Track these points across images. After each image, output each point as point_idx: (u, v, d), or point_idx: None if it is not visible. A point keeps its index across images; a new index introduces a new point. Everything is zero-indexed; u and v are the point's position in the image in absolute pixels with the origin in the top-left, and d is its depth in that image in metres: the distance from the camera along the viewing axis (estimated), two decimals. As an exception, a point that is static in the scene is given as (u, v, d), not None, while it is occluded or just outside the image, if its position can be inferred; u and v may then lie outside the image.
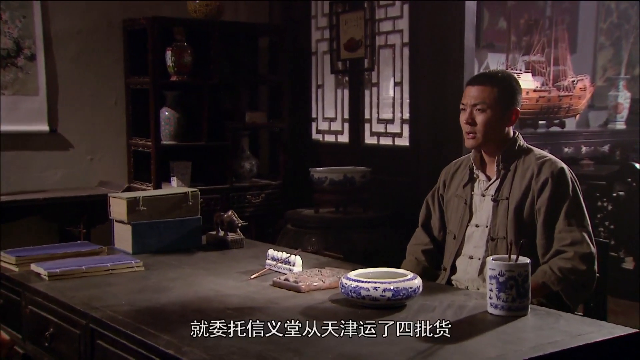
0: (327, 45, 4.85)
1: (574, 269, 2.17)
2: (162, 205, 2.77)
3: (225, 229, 2.85)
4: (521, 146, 2.40)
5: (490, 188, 2.38)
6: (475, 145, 2.37)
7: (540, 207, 2.26)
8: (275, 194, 4.71)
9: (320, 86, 4.98)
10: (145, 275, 2.41)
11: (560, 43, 5.50)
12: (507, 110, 2.36)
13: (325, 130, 4.98)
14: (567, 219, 2.22)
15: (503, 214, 2.31)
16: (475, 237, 2.38)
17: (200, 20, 4.51)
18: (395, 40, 4.37)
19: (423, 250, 2.55)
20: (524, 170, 2.33)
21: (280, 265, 2.39)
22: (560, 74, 5.47)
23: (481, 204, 2.39)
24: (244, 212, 4.45)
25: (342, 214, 4.10)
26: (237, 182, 4.63)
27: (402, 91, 4.34)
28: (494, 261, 1.89)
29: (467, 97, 2.35)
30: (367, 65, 4.54)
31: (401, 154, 4.34)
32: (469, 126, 2.34)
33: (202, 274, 2.41)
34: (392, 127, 4.45)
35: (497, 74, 2.38)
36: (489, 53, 5.47)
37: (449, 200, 2.52)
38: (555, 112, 5.38)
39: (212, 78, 4.51)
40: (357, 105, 4.66)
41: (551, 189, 2.25)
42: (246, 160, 4.72)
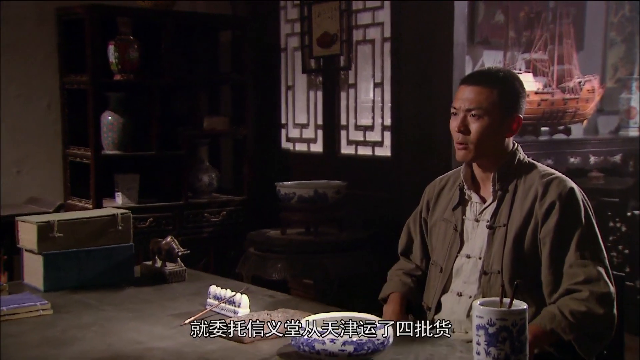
0: (297, 40, 4.88)
1: (590, 313, 2.06)
2: (83, 231, 2.61)
3: (163, 259, 2.72)
4: (522, 161, 2.31)
5: (485, 212, 2.28)
6: (468, 158, 2.27)
7: (546, 236, 2.15)
8: (238, 212, 4.69)
9: (291, 87, 5.01)
10: (51, 322, 2.21)
11: (565, 39, 5.48)
12: (507, 118, 2.25)
13: (296, 138, 5.00)
14: (580, 251, 2.12)
15: (500, 244, 2.20)
16: (466, 271, 2.28)
17: (149, 10, 4.48)
18: (375, 35, 4.38)
19: (409, 273, 2.47)
20: (525, 191, 2.22)
21: (223, 305, 2.28)
22: (565, 73, 5.45)
23: (474, 231, 2.29)
24: (202, 232, 4.52)
25: (313, 235, 4.05)
26: (194, 197, 4.61)
27: (383, 93, 4.35)
28: (482, 307, 1.72)
29: (460, 100, 2.25)
30: (343, 64, 4.56)
31: (382, 165, 4.35)
32: (460, 135, 2.24)
33: (125, 318, 2.25)
34: (371, 135, 4.46)
35: (497, 73, 2.29)
36: (484, 50, 5.39)
37: (433, 225, 2.42)
38: (560, 118, 5.36)
39: (164, 77, 4.46)
40: (331, 110, 4.68)
41: (559, 214, 2.14)
42: (204, 173, 4.68)
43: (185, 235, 4.36)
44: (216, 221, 4.59)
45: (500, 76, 2.27)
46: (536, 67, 5.40)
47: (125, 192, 4.33)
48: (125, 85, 4.35)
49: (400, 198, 4.12)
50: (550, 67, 5.42)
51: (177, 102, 4.71)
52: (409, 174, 4.14)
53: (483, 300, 1.77)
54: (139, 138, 4.43)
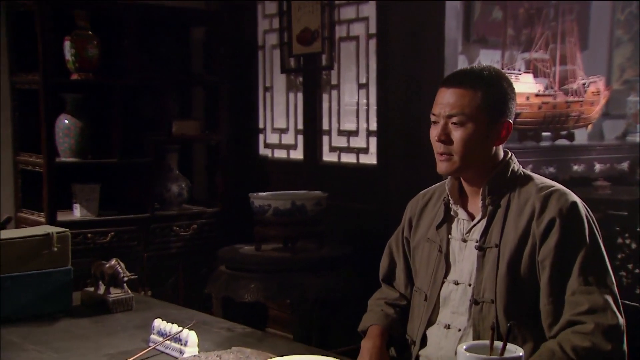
0: (276, 37, 4.92)
1: (595, 350, 1.97)
2: (11, 253, 2.45)
3: (107, 284, 2.63)
4: (516, 172, 2.21)
5: (473, 231, 2.19)
6: (451, 171, 2.18)
7: (545, 259, 2.06)
8: (210, 225, 4.70)
9: (269, 89, 5.06)
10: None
11: (568, 37, 5.35)
12: (495, 124, 2.16)
13: (274, 144, 5.04)
14: (584, 276, 2.03)
15: (491, 268, 2.11)
16: (454, 299, 2.19)
17: (111, 2, 4.48)
18: (360, 31, 4.41)
19: (391, 303, 2.37)
20: (520, 206, 2.14)
21: (168, 343, 2.13)
22: (568, 74, 5.33)
23: (461, 253, 2.21)
24: (170, 248, 4.53)
25: (290, 252, 4.02)
26: (161, 209, 4.62)
27: (369, 95, 4.37)
28: (469, 353, 1.61)
29: (439, 105, 2.17)
30: (325, 63, 4.59)
31: (367, 174, 4.36)
32: (442, 145, 2.16)
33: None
34: (355, 141, 4.49)
35: (481, 72, 2.19)
36: (481, 49, 5.30)
37: (416, 246, 2.33)
38: (563, 122, 5.23)
39: (127, 77, 4.45)
40: (313, 113, 4.70)
41: (560, 232, 2.05)
42: (174, 182, 4.68)
43: (151, 252, 4.40)
44: (186, 235, 4.58)
45: (484, 76, 2.17)
46: (537, 68, 5.26)
47: (84, 204, 4.30)
48: (83, 85, 4.33)
49: (387, 210, 4.10)
50: (552, 68, 5.30)
51: (142, 104, 4.72)
52: (397, 183, 4.12)
53: (470, 345, 1.67)
54: (99, 144, 4.42)
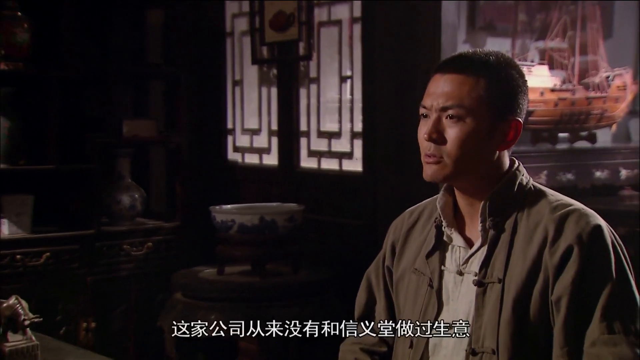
0: (246, 22, 4.85)
1: None
2: None
3: (4, 329, 2.42)
4: (524, 186, 2.06)
5: (471, 261, 2.06)
6: (440, 177, 2.03)
7: (560, 298, 1.92)
8: (169, 243, 4.64)
9: (238, 82, 5.02)
10: None
11: (589, 23, 5.40)
12: (500, 122, 2.01)
13: (245, 148, 5.02)
14: (608, 321, 1.88)
15: (493, 309, 1.97)
16: (447, 348, 2.06)
17: None
18: (343, 14, 4.36)
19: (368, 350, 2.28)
20: (529, 231, 2.00)
21: None
22: (589, 66, 5.40)
23: (456, 289, 2.07)
24: (120, 270, 4.43)
25: (259, 276, 3.92)
26: (110, 225, 4.55)
27: (353, 90, 4.33)
28: None
29: (432, 95, 2.03)
30: (303, 52, 4.52)
31: (351, 183, 4.32)
32: (432, 145, 2.01)
33: None
34: (338, 144, 4.45)
35: (486, 57, 2.06)
36: (488, 37, 5.25)
37: (400, 278, 2.19)
38: (583, 121, 5.32)
39: (67, 68, 4.37)
40: (289, 111, 4.65)
41: (579, 265, 1.91)
42: (125, 192, 4.62)
43: (96, 275, 4.29)
44: (139, 255, 4.50)
45: (490, 61, 2.01)
46: (553, 58, 5.32)
47: (14, 219, 4.22)
48: (12, 77, 4.26)
49: (375, 226, 4.03)
50: (570, 59, 5.36)
51: (86, 100, 4.68)
52: (387, 194, 4.07)
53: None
54: (32, 148, 4.36)
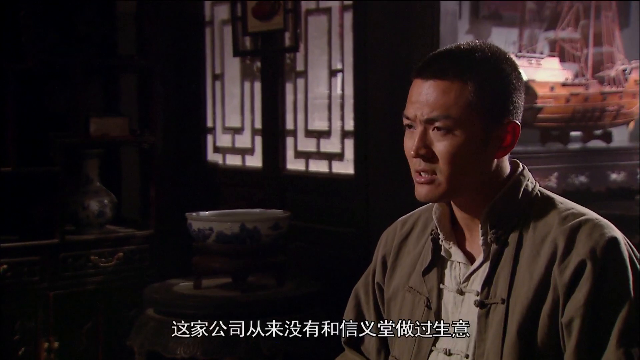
0: (227, 10, 4.84)
1: None
2: None
3: None
4: (529, 193, 2.01)
5: (473, 279, 2.02)
6: (434, 197, 2.00)
7: (571, 320, 1.87)
8: (142, 253, 4.62)
9: (219, 77, 5.02)
10: None
11: (604, 12, 5.25)
12: (495, 127, 1.96)
13: (226, 148, 5.01)
14: (625, 347, 1.84)
15: (497, 333, 1.94)
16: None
17: None
18: (332, 2, 4.36)
19: None
20: (536, 244, 1.95)
21: None
22: (604, 58, 5.23)
23: (456, 310, 2.05)
24: (87, 284, 4.39)
25: (240, 290, 3.91)
26: (76, 233, 4.51)
27: (344, 85, 4.31)
28: None
29: (414, 105, 1.96)
30: (289, 43, 4.52)
31: (342, 187, 4.30)
32: (420, 162, 1.98)
33: None
34: (327, 144, 4.44)
35: (471, 55, 1.97)
36: (493, 27, 5.23)
37: (393, 296, 2.16)
38: (597, 118, 5.16)
39: (26, 60, 4.31)
40: (274, 108, 4.62)
41: (592, 282, 1.87)
42: (93, 197, 4.58)
43: (60, 289, 4.24)
44: (108, 267, 4.47)
45: (476, 60, 1.92)
46: (564, 50, 5.15)
47: None
48: None
49: (366, 234, 4.02)
50: (583, 50, 5.21)
51: (49, 96, 4.65)
52: (380, 199, 4.05)
53: None
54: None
